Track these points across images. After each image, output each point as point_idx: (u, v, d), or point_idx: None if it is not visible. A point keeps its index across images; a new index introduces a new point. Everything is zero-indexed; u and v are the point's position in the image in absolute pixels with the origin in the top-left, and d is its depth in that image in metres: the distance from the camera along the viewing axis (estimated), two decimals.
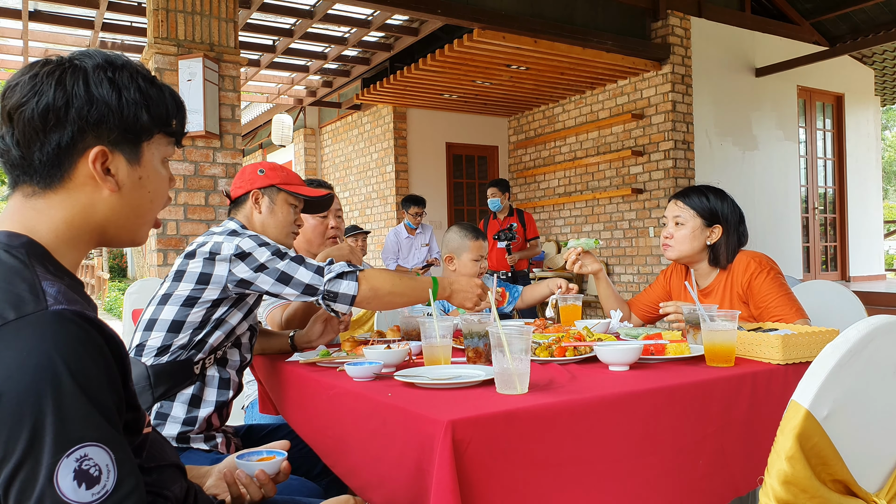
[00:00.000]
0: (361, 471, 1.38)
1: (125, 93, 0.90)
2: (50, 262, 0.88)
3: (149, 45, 4.39)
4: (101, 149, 0.89)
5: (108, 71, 0.90)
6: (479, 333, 1.62)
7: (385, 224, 8.55)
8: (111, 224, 0.94)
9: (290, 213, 1.92)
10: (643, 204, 7.07)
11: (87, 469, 0.74)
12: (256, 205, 1.88)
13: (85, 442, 0.74)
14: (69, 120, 0.87)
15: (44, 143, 0.87)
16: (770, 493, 0.93)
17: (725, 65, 7.17)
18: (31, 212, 0.90)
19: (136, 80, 0.92)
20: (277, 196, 1.90)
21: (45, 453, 0.72)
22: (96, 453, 0.75)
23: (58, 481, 0.72)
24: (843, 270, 8.53)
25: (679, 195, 2.27)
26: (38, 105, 0.86)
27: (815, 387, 0.92)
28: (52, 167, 0.88)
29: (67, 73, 0.88)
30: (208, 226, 4.44)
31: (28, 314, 0.76)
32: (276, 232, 1.89)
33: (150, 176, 0.96)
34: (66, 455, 0.73)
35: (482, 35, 5.72)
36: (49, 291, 0.79)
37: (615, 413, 1.28)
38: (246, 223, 1.88)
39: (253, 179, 1.90)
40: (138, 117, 0.92)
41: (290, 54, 7.34)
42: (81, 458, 0.73)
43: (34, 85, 0.87)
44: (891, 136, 23.91)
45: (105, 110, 0.89)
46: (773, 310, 2.07)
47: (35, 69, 0.89)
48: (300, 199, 1.94)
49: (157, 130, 0.95)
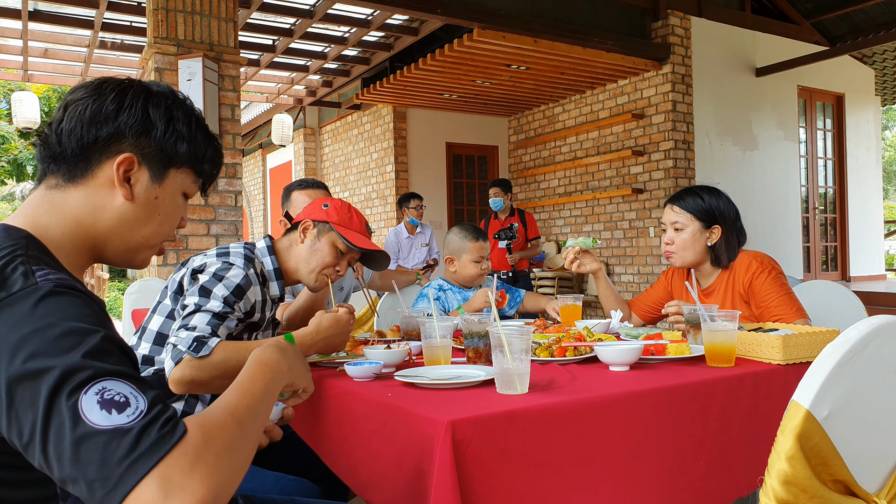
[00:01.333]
0: (361, 471, 1.38)
1: (176, 123, 0.98)
2: (49, 257, 0.88)
3: (148, 44, 4.39)
4: (131, 155, 0.94)
5: (169, 100, 0.98)
6: (480, 333, 1.62)
7: (385, 224, 8.55)
8: (115, 234, 0.95)
9: (332, 255, 1.80)
10: (643, 204, 7.07)
11: (110, 398, 0.71)
12: (303, 234, 1.81)
13: (98, 378, 0.72)
14: (115, 122, 0.93)
15: (84, 135, 0.92)
16: (770, 494, 0.93)
17: (726, 65, 7.17)
18: (47, 206, 0.92)
19: (189, 119, 1.00)
20: (326, 234, 1.81)
21: (62, 400, 0.69)
22: (114, 385, 0.72)
23: (85, 416, 0.69)
24: (843, 270, 8.53)
25: (673, 199, 2.26)
26: (93, 103, 0.93)
27: (816, 387, 0.92)
28: (80, 160, 0.92)
29: (131, 90, 0.95)
30: (208, 226, 4.44)
31: (16, 291, 0.76)
32: (307, 270, 1.79)
33: (167, 201, 0.99)
34: (83, 392, 0.70)
35: (482, 35, 5.72)
36: (39, 275, 0.79)
37: (615, 413, 1.28)
38: (284, 249, 1.81)
39: (314, 211, 1.84)
40: (177, 146, 0.98)
41: (289, 54, 7.34)
42: (101, 390, 0.71)
43: (98, 88, 0.94)
44: (891, 136, 23.91)
45: (150, 127, 0.95)
46: (773, 309, 2.07)
47: (106, 81, 0.96)
48: (349, 247, 1.82)
49: (189, 165, 1.01)
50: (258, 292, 1.67)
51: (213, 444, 0.73)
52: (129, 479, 0.67)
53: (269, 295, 1.75)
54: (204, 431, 0.73)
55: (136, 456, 0.68)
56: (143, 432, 0.69)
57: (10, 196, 17.40)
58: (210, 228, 4.42)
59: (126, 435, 0.69)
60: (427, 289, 2.72)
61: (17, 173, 13.06)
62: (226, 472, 0.73)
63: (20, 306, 0.75)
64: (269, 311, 1.76)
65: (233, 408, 0.81)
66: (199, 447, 0.72)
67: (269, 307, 1.76)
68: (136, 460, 0.68)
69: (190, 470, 0.69)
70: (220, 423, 0.77)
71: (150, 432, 0.70)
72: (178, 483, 0.68)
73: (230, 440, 0.76)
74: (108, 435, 0.68)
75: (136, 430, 0.69)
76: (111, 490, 0.67)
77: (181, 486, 0.68)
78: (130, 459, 0.68)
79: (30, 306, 0.75)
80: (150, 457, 0.68)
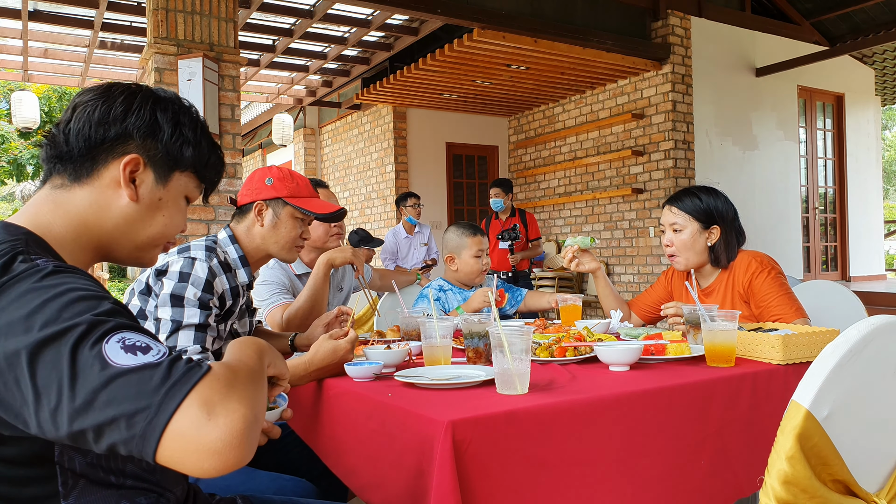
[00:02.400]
0: (361, 471, 1.38)
1: (182, 128, 1.00)
2: (50, 252, 0.89)
3: (148, 44, 4.39)
4: (137, 157, 0.95)
5: (176, 105, 1.00)
6: (480, 333, 1.62)
7: (385, 224, 8.55)
8: (121, 234, 0.97)
9: (295, 227, 1.81)
10: (643, 204, 7.07)
11: (132, 344, 0.73)
12: (259, 217, 1.79)
13: (116, 330, 0.73)
14: (123, 124, 0.94)
15: (91, 135, 0.93)
16: (770, 493, 0.93)
17: (725, 65, 7.17)
18: (51, 204, 0.93)
19: (195, 125, 1.02)
20: (283, 210, 1.79)
21: (85, 350, 0.70)
22: (133, 335, 0.74)
23: (112, 360, 0.70)
24: (843, 270, 8.53)
25: (671, 200, 2.26)
26: (102, 105, 0.94)
27: (816, 387, 0.92)
28: (87, 159, 0.94)
29: (140, 94, 0.97)
30: (208, 226, 4.44)
31: (19, 273, 0.77)
32: (277, 248, 1.80)
33: (170, 202, 1.01)
34: (105, 342, 0.71)
35: (482, 35, 5.72)
36: (40, 262, 0.80)
37: (616, 413, 1.27)
38: (244, 234, 1.80)
39: (259, 189, 1.80)
40: (183, 150, 1.00)
41: (289, 54, 7.34)
42: (121, 339, 0.73)
43: (107, 91, 0.96)
44: (891, 136, 23.91)
45: (157, 129, 0.96)
46: (772, 309, 2.07)
47: (115, 85, 0.97)
48: (307, 214, 1.82)
49: (192, 169, 1.03)
50: (224, 281, 1.66)
51: (240, 374, 0.77)
52: (171, 403, 0.69)
53: (237, 282, 1.74)
54: (227, 367, 0.77)
55: (171, 382, 0.70)
56: (171, 365, 0.72)
57: (10, 196, 17.39)
58: (210, 228, 4.42)
59: (156, 368, 0.71)
60: (427, 289, 2.72)
61: (17, 173, 13.05)
62: (257, 399, 0.76)
63: (25, 283, 0.76)
64: (241, 299, 1.76)
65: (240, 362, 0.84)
66: (229, 376, 0.75)
67: (241, 294, 1.75)
68: (173, 386, 0.70)
69: (227, 391, 0.72)
70: (238, 364, 0.81)
71: (178, 366, 0.72)
72: (218, 402, 0.70)
73: (250, 376, 0.80)
74: (139, 371, 0.70)
75: (164, 364, 0.72)
76: (153, 417, 0.68)
77: (222, 404, 0.71)
78: (167, 386, 0.70)
79: (35, 281, 0.76)
80: (186, 382, 0.71)
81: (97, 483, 0.87)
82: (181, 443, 0.68)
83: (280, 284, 2.35)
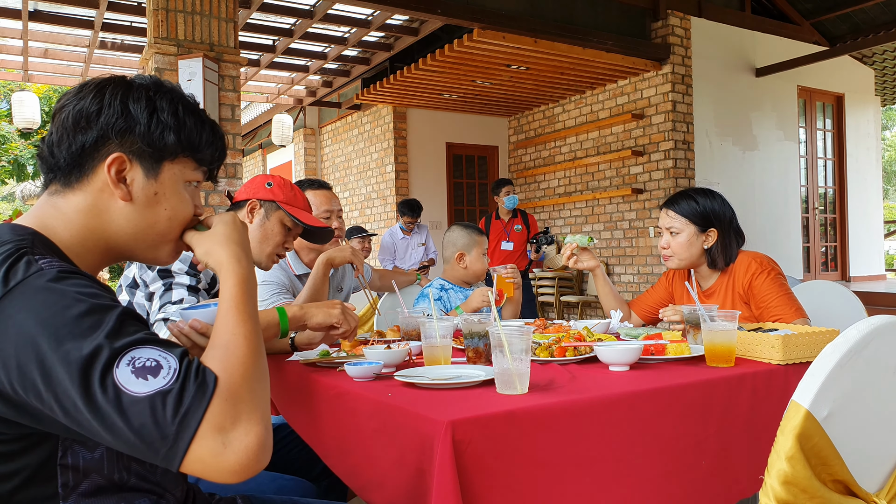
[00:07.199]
0: (362, 471, 1.37)
1: (159, 114, 0.94)
2: (57, 253, 0.89)
3: (149, 45, 4.39)
4: (119, 155, 0.92)
5: (151, 91, 0.95)
6: (479, 333, 1.62)
7: (385, 224, 8.55)
8: (127, 235, 0.95)
9: (281, 233, 1.84)
10: (643, 204, 7.07)
11: (142, 365, 0.75)
12: (250, 214, 1.83)
13: (125, 350, 0.75)
14: (97, 125, 0.91)
15: (71, 144, 0.92)
16: (770, 493, 0.93)
17: (725, 65, 7.17)
18: (51, 209, 0.93)
19: (175, 108, 0.96)
20: (274, 213, 1.83)
21: (96, 380, 0.73)
22: (142, 352, 0.76)
23: (125, 388, 0.73)
24: (843, 270, 8.53)
25: (668, 203, 2.25)
26: (74, 108, 0.92)
27: (815, 387, 0.92)
28: (74, 167, 0.92)
29: (110, 87, 0.94)
30: None
31: (23, 279, 0.78)
32: (257, 249, 1.82)
33: (168, 194, 0.97)
34: (115, 367, 0.74)
35: (482, 35, 5.72)
36: (42, 262, 0.80)
37: (616, 413, 1.27)
38: None
39: (257, 190, 1.85)
40: (164, 137, 0.94)
41: (290, 54, 7.34)
42: (131, 360, 0.75)
43: (79, 92, 0.94)
44: (891, 136, 23.90)
45: (132, 123, 0.93)
46: (772, 309, 2.07)
47: (88, 82, 0.95)
48: (297, 224, 1.84)
49: (184, 154, 0.97)
50: (209, 272, 1.71)
51: (242, 380, 0.80)
52: (186, 433, 0.73)
53: None
54: (229, 373, 0.79)
55: (184, 412, 0.74)
56: (182, 389, 0.75)
57: (11, 196, 17.39)
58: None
59: (168, 396, 0.74)
60: (428, 289, 2.72)
61: (17, 173, 13.03)
62: (261, 398, 0.81)
63: (30, 292, 0.76)
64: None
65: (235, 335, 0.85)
66: (232, 389, 0.78)
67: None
68: (185, 415, 0.73)
69: (235, 413, 0.76)
70: (236, 355, 0.82)
71: (188, 388, 0.75)
72: (230, 427, 0.75)
73: (251, 368, 0.82)
74: (151, 400, 0.73)
75: (176, 390, 0.74)
76: (172, 446, 0.73)
77: (234, 429, 0.75)
78: (180, 416, 0.73)
79: (41, 290, 0.77)
80: (197, 408, 0.74)
81: (97, 484, 0.87)
82: (201, 466, 0.74)
83: (280, 284, 2.35)
